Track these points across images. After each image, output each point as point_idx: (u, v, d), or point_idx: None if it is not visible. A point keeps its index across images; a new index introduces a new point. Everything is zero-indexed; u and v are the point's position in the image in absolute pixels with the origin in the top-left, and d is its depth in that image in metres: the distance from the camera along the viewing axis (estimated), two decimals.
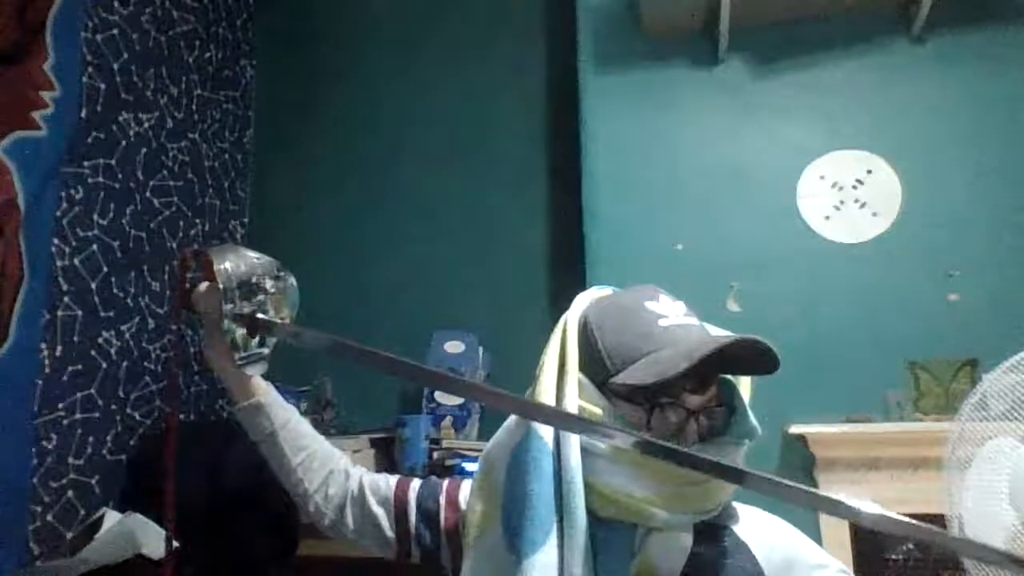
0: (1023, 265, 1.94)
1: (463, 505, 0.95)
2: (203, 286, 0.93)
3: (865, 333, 1.98)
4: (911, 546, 1.89)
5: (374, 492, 0.99)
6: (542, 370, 0.89)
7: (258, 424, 0.99)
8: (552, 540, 0.78)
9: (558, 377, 0.87)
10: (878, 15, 2.13)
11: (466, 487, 0.98)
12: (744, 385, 0.90)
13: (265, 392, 1.00)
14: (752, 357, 0.82)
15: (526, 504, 0.80)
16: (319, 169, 2.75)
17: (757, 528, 0.89)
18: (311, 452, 1.01)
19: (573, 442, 0.82)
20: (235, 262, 0.92)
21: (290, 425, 1.00)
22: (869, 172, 2.08)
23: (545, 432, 0.84)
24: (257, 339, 0.95)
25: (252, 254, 0.95)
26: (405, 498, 0.98)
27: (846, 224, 2.07)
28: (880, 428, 1.89)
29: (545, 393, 0.86)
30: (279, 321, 0.93)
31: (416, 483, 1.00)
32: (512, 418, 0.91)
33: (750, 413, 0.86)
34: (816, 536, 0.92)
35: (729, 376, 0.90)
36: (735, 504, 0.92)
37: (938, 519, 1.39)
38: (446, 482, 1.01)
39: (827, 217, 2.08)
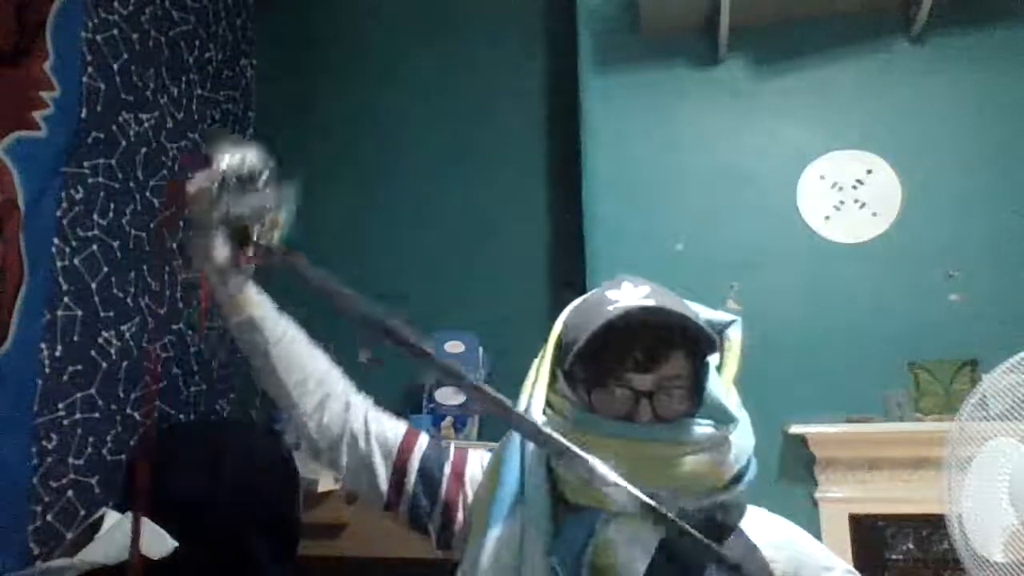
0: (1023, 265, 1.94)
1: (467, 480, 0.93)
2: (198, 179, 0.84)
3: (865, 333, 1.98)
4: (911, 546, 1.89)
5: (378, 438, 0.93)
6: (532, 367, 0.92)
7: (251, 340, 0.92)
8: (515, 516, 0.82)
9: (536, 373, 0.90)
10: (878, 15, 2.13)
11: (473, 460, 0.96)
12: (727, 368, 0.87)
13: (258, 305, 0.93)
14: (676, 328, 0.81)
15: (498, 484, 0.85)
16: (319, 169, 2.75)
17: (764, 529, 0.88)
18: (308, 372, 0.94)
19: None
20: (238, 160, 0.84)
21: (284, 341, 0.94)
22: (869, 172, 2.08)
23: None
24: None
25: (258, 157, 0.87)
26: (409, 455, 0.93)
27: (846, 224, 2.07)
28: (880, 428, 1.89)
29: (526, 388, 0.90)
30: (274, 245, 0.87)
31: (423, 440, 0.96)
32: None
33: (723, 395, 0.83)
34: (815, 536, 0.92)
35: (713, 358, 0.87)
36: (752, 508, 0.89)
37: (938, 519, 1.40)
38: (453, 450, 0.97)
39: (827, 217, 2.08)
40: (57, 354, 1.85)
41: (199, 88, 2.53)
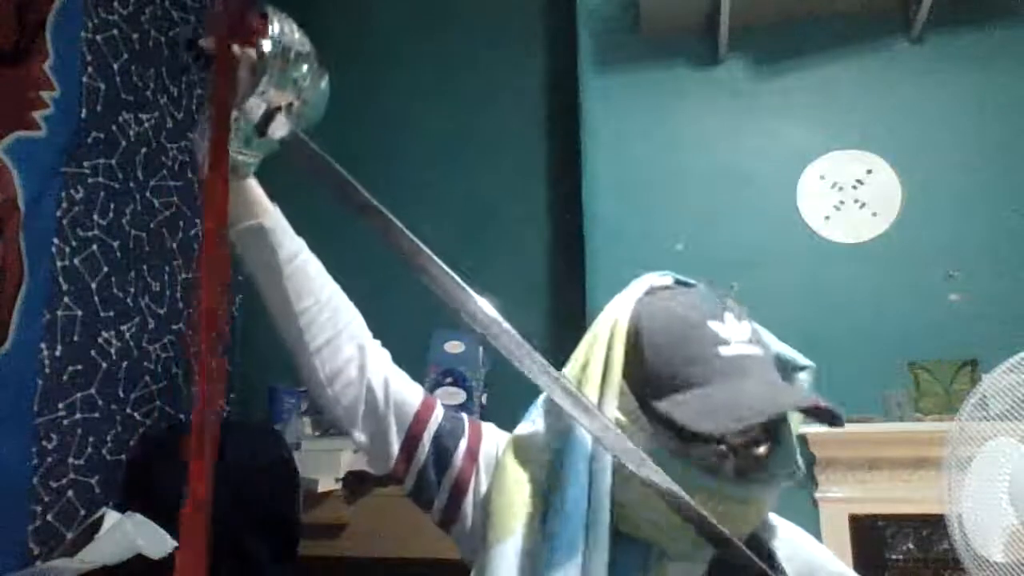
0: (1023, 265, 1.94)
1: (481, 459, 0.86)
2: (242, 30, 0.73)
3: (865, 333, 1.98)
4: (911, 546, 1.89)
5: (396, 397, 0.85)
6: (586, 371, 0.81)
7: (257, 254, 0.82)
8: (579, 549, 0.74)
9: (601, 381, 0.80)
10: (878, 15, 2.13)
11: (489, 437, 0.88)
12: (794, 418, 0.83)
13: (269, 215, 0.84)
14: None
15: (561, 510, 0.76)
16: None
17: (783, 539, 0.86)
18: (321, 300, 0.84)
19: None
20: (291, 31, 0.77)
21: (297, 260, 0.84)
22: (869, 172, 2.08)
23: (585, 435, 0.78)
24: (257, 140, 0.79)
25: (302, 36, 0.79)
26: (425, 425, 0.85)
27: (846, 224, 2.07)
28: (880, 428, 1.89)
29: (584, 388, 0.80)
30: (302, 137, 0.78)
31: (439, 410, 0.88)
32: (544, 409, 0.84)
33: (796, 449, 0.81)
34: (815, 536, 0.91)
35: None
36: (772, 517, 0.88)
37: (938, 519, 1.40)
38: (467, 424, 0.89)
39: (827, 217, 2.08)
40: (57, 354, 1.85)
41: (199, 88, 2.53)
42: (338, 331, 0.84)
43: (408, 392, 0.87)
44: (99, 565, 1.42)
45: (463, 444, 0.86)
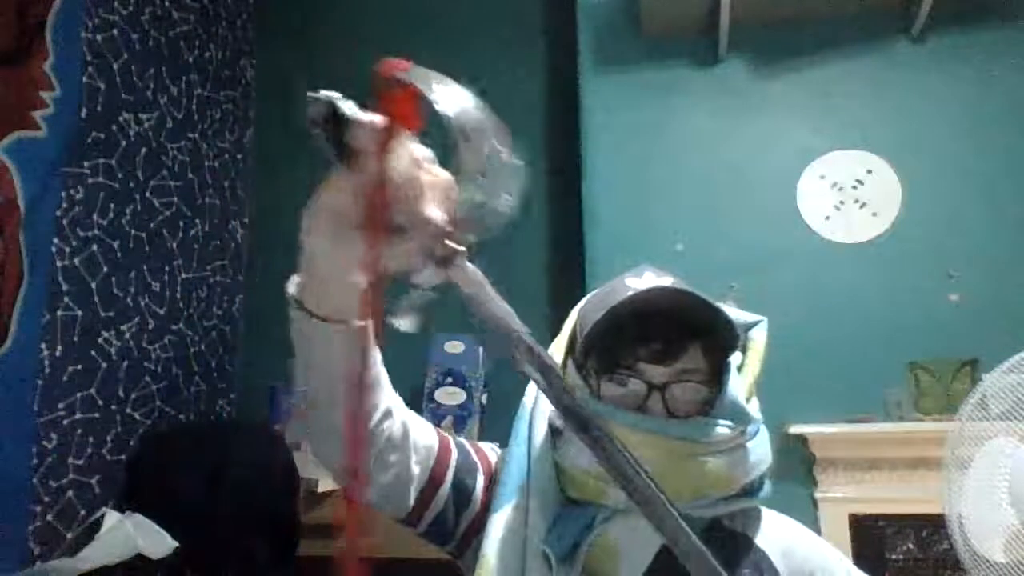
0: (1023, 265, 1.94)
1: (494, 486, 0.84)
2: (400, 142, 0.54)
3: (865, 333, 1.98)
4: (911, 546, 1.89)
5: (415, 445, 0.79)
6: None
7: (336, 353, 0.66)
8: (519, 501, 0.77)
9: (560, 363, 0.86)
10: (878, 15, 2.13)
11: (493, 459, 0.87)
12: (748, 369, 0.81)
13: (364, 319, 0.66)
14: (700, 316, 0.76)
15: (504, 465, 0.82)
16: (320, 169, 2.74)
17: (778, 535, 0.83)
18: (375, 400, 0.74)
19: (542, 411, 0.84)
20: (465, 111, 0.54)
21: (376, 368, 0.73)
22: (869, 172, 2.08)
23: (528, 397, 0.87)
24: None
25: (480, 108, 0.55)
26: (446, 469, 0.82)
27: (846, 224, 2.07)
28: (880, 428, 1.89)
29: None
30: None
31: (455, 450, 0.84)
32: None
33: (741, 395, 0.77)
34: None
35: (734, 356, 0.81)
36: (763, 510, 0.85)
37: (938, 519, 1.40)
38: (476, 454, 0.86)
39: (827, 217, 2.08)
40: (57, 354, 1.85)
41: (199, 88, 2.53)
42: (374, 405, 0.75)
43: (425, 436, 0.81)
44: (99, 565, 1.42)
45: (480, 481, 0.84)
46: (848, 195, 2.08)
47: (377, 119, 0.54)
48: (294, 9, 2.94)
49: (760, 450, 0.79)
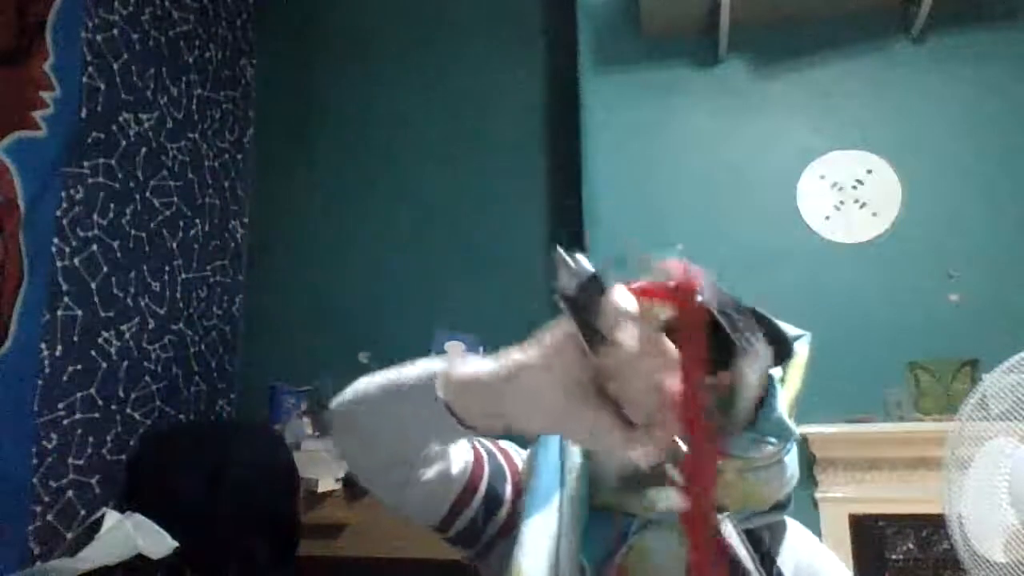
0: (1023, 265, 1.94)
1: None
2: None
3: (865, 333, 1.98)
4: (911, 546, 1.89)
5: (453, 458, 0.81)
6: None
7: (431, 432, 0.71)
8: (552, 509, 0.76)
9: None
10: (878, 15, 2.13)
11: (519, 462, 0.88)
12: (789, 384, 0.80)
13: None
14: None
15: (534, 472, 0.80)
16: (319, 169, 2.75)
17: (798, 558, 0.82)
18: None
19: None
20: (762, 368, 0.54)
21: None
22: (869, 172, 2.08)
23: None
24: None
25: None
26: (480, 480, 0.84)
27: (846, 224, 2.07)
28: (880, 428, 1.89)
29: None
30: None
31: (487, 461, 0.86)
32: None
33: (782, 407, 0.74)
34: (815, 535, 0.90)
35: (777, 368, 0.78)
36: (788, 522, 0.84)
37: (938, 519, 1.40)
38: (504, 460, 0.87)
39: (827, 217, 2.08)
40: (57, 354, 1.85)
41: (199, 88, 2.53)
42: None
43: (461, 445, 0.83)
44: (99, 565, 1.42)
45: (509, 487, 0.86)
46: (848, 195, 2.08)
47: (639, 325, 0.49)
48: (294, 9, 2.94)
49: (793, 465, 0.79)
